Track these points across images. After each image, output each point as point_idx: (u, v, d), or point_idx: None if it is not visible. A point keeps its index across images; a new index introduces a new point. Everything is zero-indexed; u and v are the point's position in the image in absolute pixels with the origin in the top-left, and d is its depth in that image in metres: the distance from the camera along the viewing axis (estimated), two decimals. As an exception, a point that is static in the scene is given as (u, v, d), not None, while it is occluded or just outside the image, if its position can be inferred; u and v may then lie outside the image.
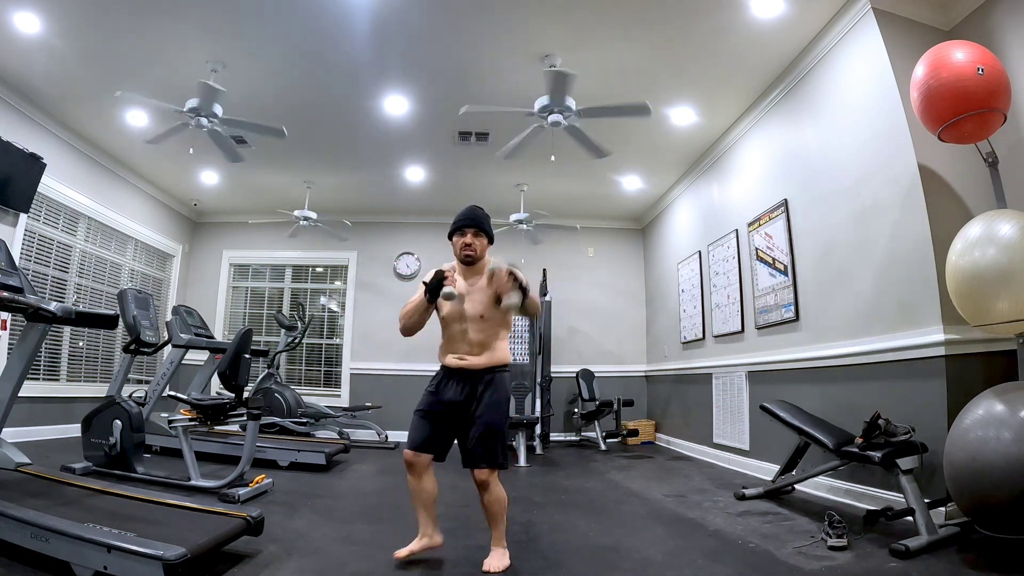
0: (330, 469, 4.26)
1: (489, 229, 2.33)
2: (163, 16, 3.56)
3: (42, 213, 4.98)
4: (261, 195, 6.88)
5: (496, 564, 2.04)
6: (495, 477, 2.08)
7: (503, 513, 2.13)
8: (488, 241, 2.32)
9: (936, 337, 2.73)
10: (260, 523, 2.19)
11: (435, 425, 2.20)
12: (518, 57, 3.94)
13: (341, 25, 3.64)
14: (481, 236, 2.28)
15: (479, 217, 2.31)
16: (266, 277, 7.69)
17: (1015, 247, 2.24)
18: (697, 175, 5.78)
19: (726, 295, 5.03)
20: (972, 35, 2.91)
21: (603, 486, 3.94)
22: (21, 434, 4.35)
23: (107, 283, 5.91)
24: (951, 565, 2.10)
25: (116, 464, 3.33)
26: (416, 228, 7.49)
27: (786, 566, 2.15)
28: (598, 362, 7.16)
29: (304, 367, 7.43)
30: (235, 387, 3.23)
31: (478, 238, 2.27)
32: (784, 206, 4.10)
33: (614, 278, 7.55)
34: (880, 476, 2.92)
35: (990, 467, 1.99)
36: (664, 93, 4.40)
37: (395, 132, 5.13)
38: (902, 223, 3.03)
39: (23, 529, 1.86)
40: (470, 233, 2.26)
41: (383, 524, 2.75)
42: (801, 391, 3.71)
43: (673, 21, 3.58)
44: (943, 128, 2.56)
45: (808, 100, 3.88)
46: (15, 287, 2.60)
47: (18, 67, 4.16)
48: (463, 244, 2.26)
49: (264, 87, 4.41)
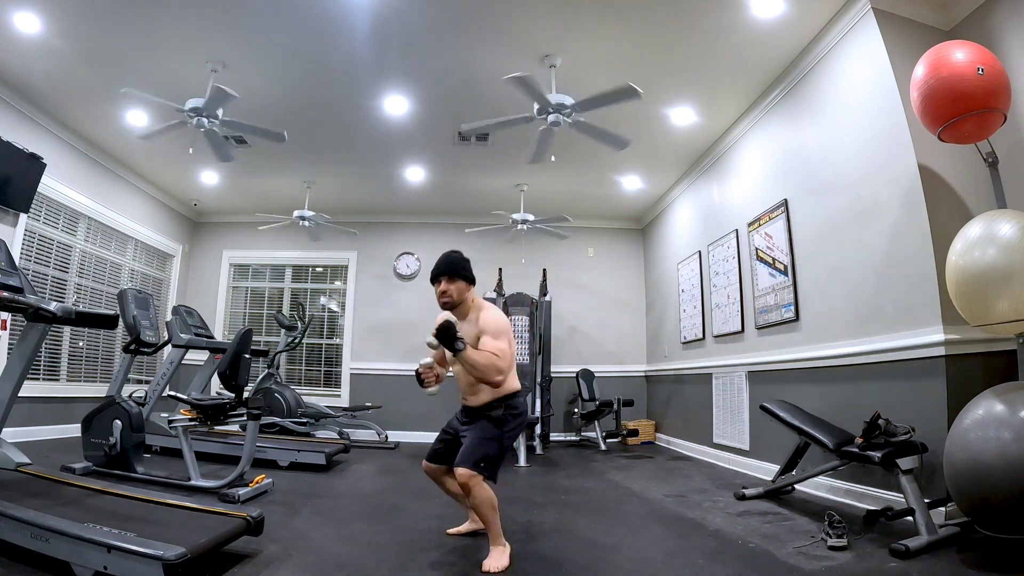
0: (330, 469, 4.26)
1: (464, 272, 2.44)
2: (163, 16, 3.56)
3: (42, 213, 4.98)
4: (261, 195, 6.88)
5: (494, 564, 2.08)
6: (476, 481, 2.16)
7: (492, 514, 2.19)
8: (466, 283, 2.44)
9: (936, 337, 2.73)
10: (260, 523, 2.19)
11: (445, 443, 2.49)
12: (518, 57, 3.94)
13: (341, 25, 3.65)
14: (456, 280, 2.40)
15: (451, 263, 2.44)
16: (266, 277, 7.69)
17: (1015, 247, 2.24)
18: (697, 175, 5.78)
19: (726, 295, 5.03)
20: (972, 35, 2.91)
21: (603, 486, 3.94)
22: (21, 434, 4.36)
23: (107, 283, 5.91)
24: (951, 565, 2.10)
25: (116, 464, 3.33)
26: (416, 228, 7.49)
27: (786, 566, 2.15)
28: (598, 362, 7.16)
29: (304, 367, 7.43)
30: (235, 387, 3.23)
31: (453, 283, 2.40)
32: (784, 206, 4.10)
33: (614, 278, 7.55)
34: (880, 476, 2.92)
35: (990, 467, 1.99)
36: (664, 93, 4.40)
37: (395, 132, 5.13)
38: (902, 223, 3.03)
39: (23, 529, 1.86)
40: (444, 281, 2.41)
41: (383, 524, 2.75)
42: (801, 391, 3.71)
43: (673, 21, 3.58)
44: (943, 128, 2.56)
45: (808, 100, 3.88)
46: (15, 287, 2.60)
47: (18, 67, 4.16)
48: (439, 293, 2.42)
49: (264, 87, 4.41)
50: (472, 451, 2.23)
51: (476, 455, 2.22)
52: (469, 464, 2.19)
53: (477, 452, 2.23)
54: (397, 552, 2.30)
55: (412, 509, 3.07)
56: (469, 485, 2.15)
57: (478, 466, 2.19)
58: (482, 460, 2.22)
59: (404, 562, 2.16)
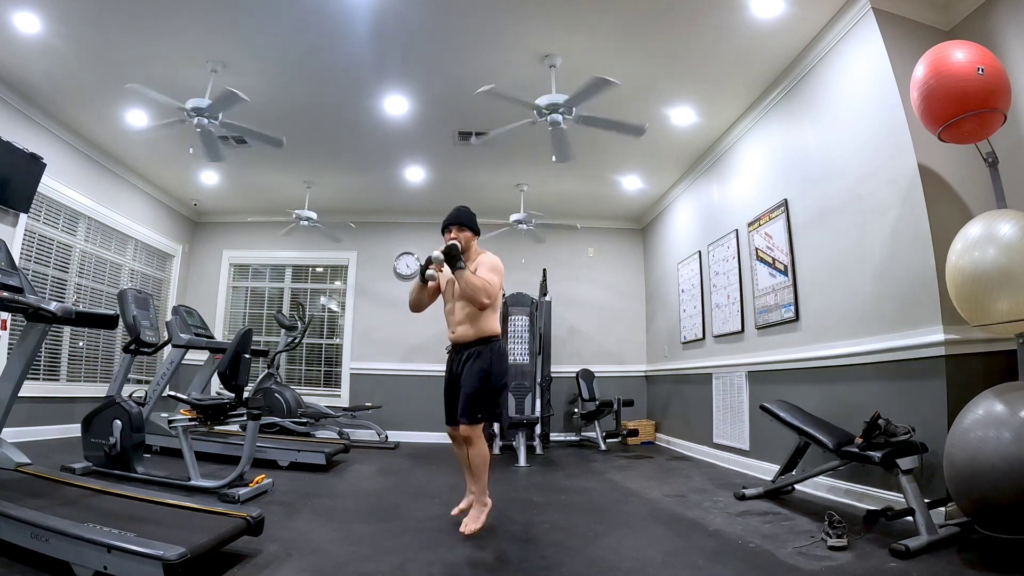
0: (330, 469, 4.26)
1: (471, 223, 2.80)
2: (163, 16, 3.56)
3: (42, 213, 4.98)
4: (261, 195, 6.88)
5: (472, 526, 2.33)
6: (477, 432, 2.49)
7: (484, 468, 2.52)
8: (472, 233, 2.81)
9: (936, 337, 2.73)
10: (260, 523, 2.19)
11: (450, 397, 2.69)
12: (518, 57, 3.94)
13: (341, 25, 3.64)
14: (464, 230, 2.77)
15: (460, 214, 2.81)
16: (266, 277, 7.69)
17: (1015, 247, 2.24)
18: (697, 175, 5.78)
19: (726, 295, 5.03)
20: (972, 35, 2.91)
21: (603, 486, 3.94)
22: (21, 434, 4.35)
23: (107, 283, 5.91)
24: (951, 565, 2.10)
25: (116, 464, 3.33)
26: (416, 228, 7.48)
27: (786, 566, 2.15)
28: (598, 362, 7.16)
29: (304, 367, 7.42)
30: (235, 387, 3.23)
31: (461, 232, 2.77)
32: (784, 206, 4.10)
33: (614, 278, 7.55)
34: (880, 476, 2.92)
35: (990, 467, 1.99)
36: (664, 93, 4.40)
37: (395, 132, 5.13)
38: (902, 223, 3.03)
39: (23, 529, 1.86)
40: (454, 229, 2.77)
41: (383, 524, 2.75)
42: (801, 391, 3.71)
43: (673, 21, 3.58)
44: (943, 128, 2.56)
45: (808, 100, 3.88)
46: (15, 287, 2.60)
47: (18, 67, 4.16)
48: (448, 239, 2.73)
49: (264, 87, 4.40)
50: (468, 404, 2.52)
51: (474, 408, 2.51)
52: (467, 419, 2.50)
53: (474, 405, 2.52)
54: (397, 552, 2.29)
55: (412, 509, 3.07)
56: (471, 438, 2.48)
57: (476, 418, 2.50)
58: (479, 411, 2.52)
59: (404, 562, 2.16)
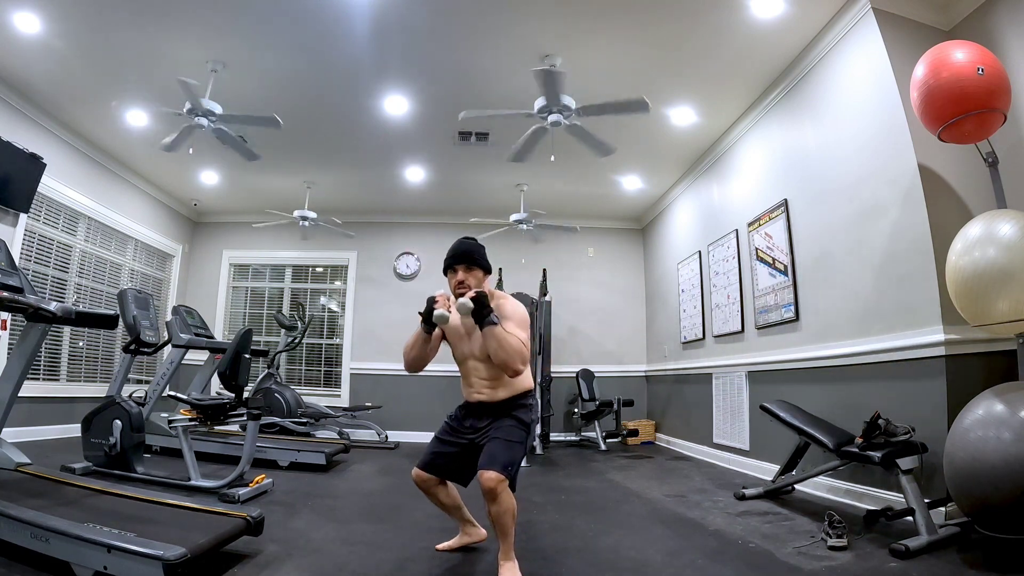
0: (330, 469, 4.26)
1: (482, 260, 2.24)
2: (163, 16, 3.56)
3: (42, 213, 4.98)
4: (261, 195, 6.88)
5: None
6: (504, 486, 1.95)
7: (512, 525, 1.99)
8: (484, 272, 2.23)
9: (936, 337, 2.73)
10: (260, 523, 2.19)
11: (449, 454, 2.23)
12: (518, 57, 3.94)
13: (341, 25, 3.64)
14: (474, 270, 2.20)
15: (468, 250, 2.21)
16: (266, 277, 7.69)
17: (1015, 247, 2.24)
18: (697, 175, 5.78)
19: (726, 295, 5.03)
20: (972, 35, 2.91)
21: (603, 486, 3.94)
22: (21, 434, 4.36)
23: (107, 283, 5.91)
24: (951, 565, 2.09)
25: (116, 464, 3.33)
26: (416, 228, 7.49)
27: (786, 566, 2.15)
28: (598, 362, 7.16)
29: (304, 367, 7.43)
30: (235, 387, 3.23)
31: (471, 273, 2.19)
32: (784, 206, 4.10)
33: (614, 278, 7.55)
34: (880, 476, 2.92)
35: (990, 467, 1.99)
36: (664, 93, 4.40)
37: (395, 132, 5.13)
38: (902, 223, 3.03)
39: (23, 529, 1.86)
40: (461, 270, 2.19)
41: (383, 524, 2.75)
42: (801, 391, 3.71)
43: (673, 21, 3.58)
44: (943, 128, 2.56)
45: (808, 100, 3.88)
46: (15, 287, 2.60)
47: (18, 67, 4.16)
48: (456, 283, 2.19)
49: (264, 87, 4.40)
50: (501, 454, 2.01)
51: (506, 458, 2.00)
52: (499, 467, 1.96)
53: (506, 456, 2.02)
54: (397, 552, 2.29)
55: (412, 509, 3.06)
56: (497, 491, 1.93)
57: (507, 470, 1.97)
58: (510, 464, 2.01)
59: (404, 562, 2.16)
